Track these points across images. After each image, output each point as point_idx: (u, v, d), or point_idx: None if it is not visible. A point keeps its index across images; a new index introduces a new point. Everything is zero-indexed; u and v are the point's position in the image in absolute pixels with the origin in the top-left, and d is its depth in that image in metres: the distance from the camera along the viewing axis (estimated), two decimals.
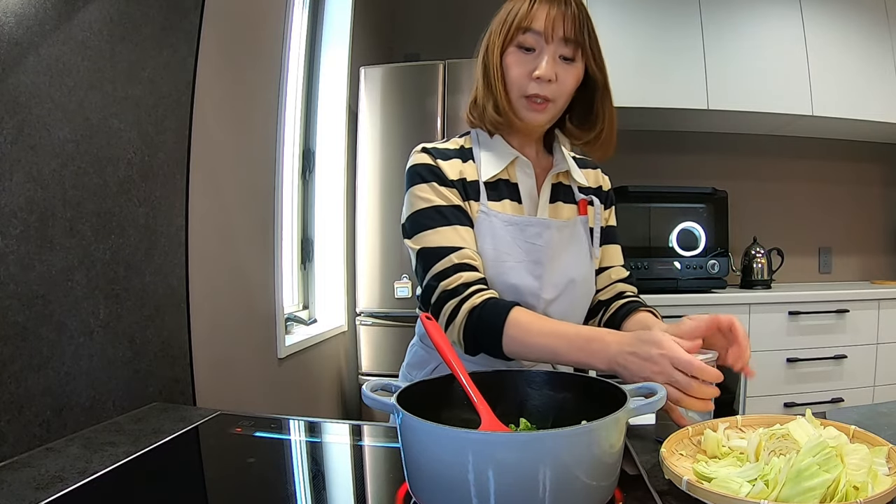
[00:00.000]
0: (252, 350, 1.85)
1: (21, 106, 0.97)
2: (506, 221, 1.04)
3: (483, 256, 1.02)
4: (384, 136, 2.59)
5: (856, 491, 0.64)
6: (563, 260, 1.07)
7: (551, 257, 1.05)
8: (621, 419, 0.64)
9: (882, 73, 2.82)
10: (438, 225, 1.00)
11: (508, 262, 1.02)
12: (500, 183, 1.07)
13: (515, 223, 1.04)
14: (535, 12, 0.98)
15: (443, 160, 1.05)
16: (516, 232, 1.04)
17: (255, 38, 1.88)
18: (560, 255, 1.07)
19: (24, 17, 0.97)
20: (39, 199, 1.00)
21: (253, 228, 1.88)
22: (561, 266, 1.07)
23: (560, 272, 1.06)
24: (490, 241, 1.02)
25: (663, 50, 2.74)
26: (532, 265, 1.04)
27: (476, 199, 1.04)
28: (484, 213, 1.03)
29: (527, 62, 1.00)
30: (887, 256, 3.32)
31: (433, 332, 0.82)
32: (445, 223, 1.00)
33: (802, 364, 2.62)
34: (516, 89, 1.01)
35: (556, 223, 1.07)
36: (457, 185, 1.04)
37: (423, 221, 1.01)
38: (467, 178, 1.05)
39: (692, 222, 2.80)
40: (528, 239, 1.04)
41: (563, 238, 1.08)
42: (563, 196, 1.13)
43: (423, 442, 0.63)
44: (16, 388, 0.95)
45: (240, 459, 0.93)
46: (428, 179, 1.03)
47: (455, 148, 1.09)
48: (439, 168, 1.04)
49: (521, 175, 1.09)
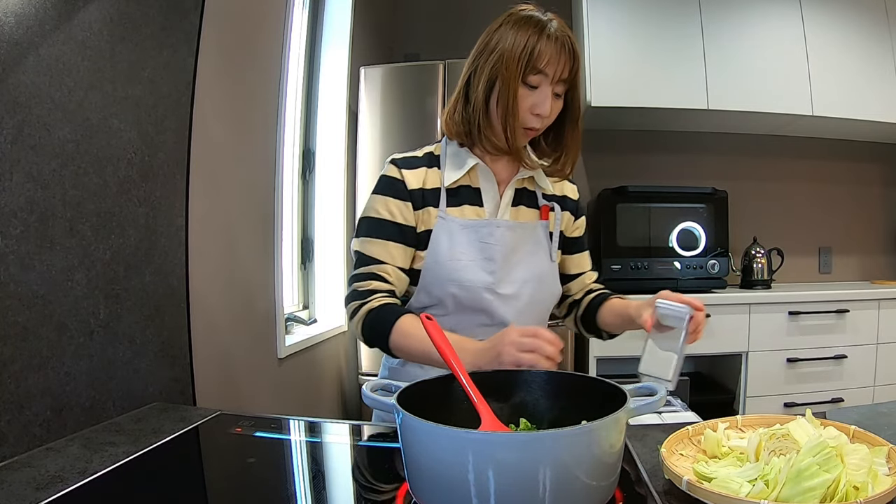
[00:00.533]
0: (252, 350, 1.85)
1: (21, 106, 0.97)
2: (461, 225, 1.13)
3: (440, 257, 1.12)
4: (384, 136, 2.59)
5: (856, 491, 0.64)
6: (518, 257, 1.16)
7: (505, 255, 1.14)
8: (621, 419, 0.64)
9: (882, 73, 2.82)
10: (377, 236, 1.12)
11: (462, 261, 1.12)
12: (461, 189, 1.16)
13: (470, 226, 1.14)
14: (550, 55, 1.04)
15: (408, 169, 1.15)
16: (471, 233, 1.13)
17: (255, 38, 1.88)
18: (515, 252, 1.16)
19: (24, 17, 0.97)
20: (39, 199, 1.00)
21: (253, 228, 1.88)
22: (516, 263, 1.16)
23: (516, 269, 1.15)
24: (446, 243, 1.12)
25: (663, 50, 2.74)
26: (485, 262, 1.13)
27: (435, 205, 1.14)
28: (442, 219, 1.13)
29: (530, 97, 1.07)
30: (887, 256, 3.32)
31: (433, 331, 0.82)
32: (382, 236, 1.11)
33: (802, 364, 2.62)
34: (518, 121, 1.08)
35: (507, 223, 1.16)
36: (415, 196, 1.13)
37: (366, 229, 1.13)
38: (429, 185, 1.15)
39: (692, 222, 2.80)
40: (482, 239, 1.13)
41: (518, 237, 1.17)
42: (527, 201, 1.21)
43: (423, 442, 0.63)
44: (16, 388, 0.95)
45: (240, 459, 0.93)
46: (385, 193, 1.14)
47: (422, 155, 1.18)
48: (402, 179, 1.13)
49: (483, 180, 1.17)
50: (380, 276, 1.11)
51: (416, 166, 1.16)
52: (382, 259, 1.11)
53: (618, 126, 3.13)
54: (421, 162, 1.16)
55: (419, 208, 1.13)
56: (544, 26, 1.05)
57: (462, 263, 1.12)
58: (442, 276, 1.12)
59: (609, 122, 3.05)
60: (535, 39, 1.04)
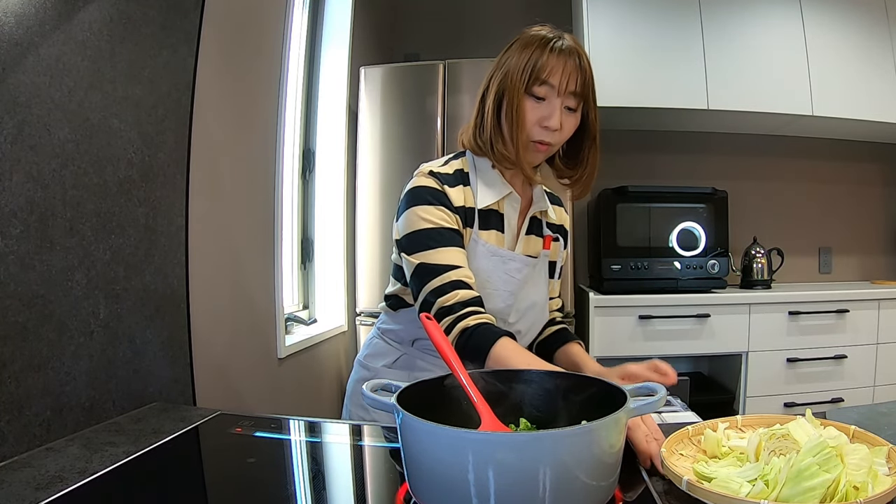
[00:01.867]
0: (252, 350, 1.85)
1: (21, 106, 0.97)
2: (490, 252, 1.13)
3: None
4: (384, 136, 2.59)
5: (856, 491, 0.64)
6: (528, 290, 1.19)
7: (520, 289, 1.17)
8: (621, 419, 0.64)
9: (882, 73, 2.82)
10: (439, 245, 1.06)
11: (487, 289, 1.12)
12: (490, 213, 1.16)
13: (499, 255, 1.14)
14: (553, 66, 1.06)
15: (449, 187, 1.12)
16: (498, 263, 1.13)
17: (255, 38, 1.88)
18: (528, 286, 1.18)
19: (24, 17, 0.97)
20: (39, 199, 1.00)
21: (253, 228, 1.88)
22: (526, 295, 1.18)
23: (524, 300, 1.18)
24: (474, 267, 1.10)
25: (663, 50, 2.74)
26: (507, 295, 1.14)
27: (471, 225, 1.13)
28: (474, 241, 1.12)
29: (538, 110, 1.08)
30: (887, 256, 3.32)
31: (433, 331, 0.82)
32: (445, 244, 1.06)
33: (802, 364, 2.62)
34: (526, 134, 1.09)
35: (531, 261, 1.18)
36: (459, 212, 1.11)
37: (425, 241, 1.06)
38: (468, 205, 1.13)
39: (692, 222, 2.80)
40: (508, 272, 1.14)
41: (531, 273, 1.19)
42: (535, 230, 1.23)
43: (423, 442, 0.63)
44: (16, 388, 0.95)
45: (240, 459, 0.93)
46: (432, 202, 1.09)
47: (453, 173, 1.15)
48: (446, 194, 1.11)
49: (509, 209, 1.18)
50: (462, 283, 1.04)
51: (455, 184, 1.13)
52: (457, 264, 1.05)
53: (618, 126, 3.13)
54: (456, 180, 1.13)
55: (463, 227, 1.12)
56: (549, 41, 1.07)
57: (486, 292, 1.11)
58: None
59: (609, 122, 3.05)
60: (540, 52, 1.06)
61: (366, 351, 1.30)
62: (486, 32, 3.29)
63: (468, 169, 1.17)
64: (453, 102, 2.54)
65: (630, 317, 2.58)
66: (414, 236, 1.07)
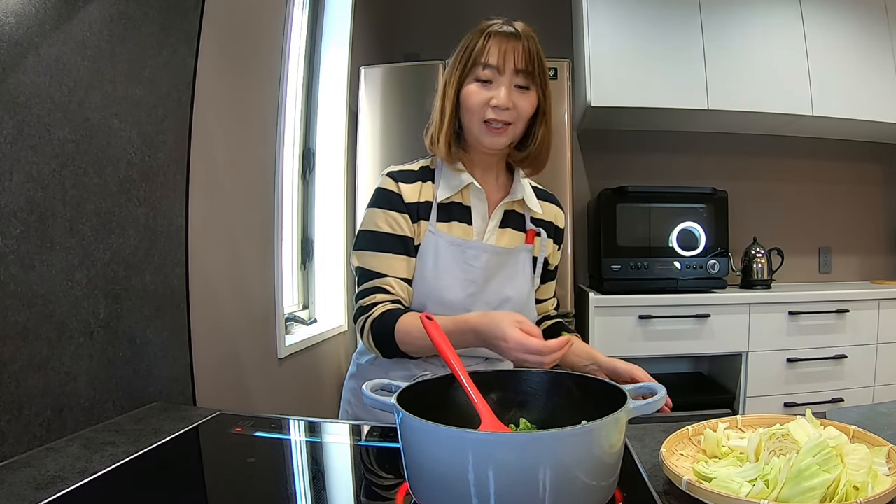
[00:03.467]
0: (252, 350, 1.85)
1: (21, 106, 0.97)
2: (449, 242, 1.15)
3: (425, 272, 1.14)
4: (384, 136, 2.59)
5: (856, 491, 0.64)
6: (497, 282, 1.18)
7: (486, 278, 1.16)
8: (621, 419, 0.64)
9: (882, 73, 2.82)
10: (376, 249, 1.13)
11: (445, 280, 1.14)
12: (452, 205, 1.18)
13: (458, 245, 1.15)
14: (489, 47, 1.10)
15: (405, 183, 1.16)
16: (457, 252, 1.15)
17: (255, 38, 1.88)
18: (495, 277, 1.18)
19: (24, 17, 0.97)
20: (39, 199, 1.00)
21: (253, 228, 1.88)
22: (496, 287, 1.18)
23: (494, 292, 1.17)
24: (432, 259, 1.14)
25: (663, 50, 2.74)
26: (467, 284, 1.15)
27: (427, 218, 1.16)
28: (431, 233, 1.15)
29: (484, 92, 1.11)
30: (887, 256, 3.32)
31: (432, 331, 0.82)
32: (382, 249, 1.13)
33: (802, 364, 2.62)
34: (476, 116, 1.11)
35: (494, 248, 1.18)
36: (411, 210, 1.15)
37: (366, 242, 1.15)
38: (423, 199, 1.16)
39: (692, 222, 2.80)
40: (467, 260, 1.15)
41: (500, 262, 1.19)
42: (514, 223, 1.23)
43: (423, 442, 0.63)
44: (16, 388, 0.95)
45: (240, 459, 0.93)
46: (382, 205, 1.15)
47: (417, 169, 1.20)
48: (399, 193, 1.15)
49: (475, 200, 1.19)
50: (382, 289, 1.12)
51: (413, 180, 1.17)
52: (383, 272, 1.12)
53: (618, 126, 3.13)
54: (416, 176, 1.18)
55: (415, 221, 1.15)
56: (486, 28, 1.11)
57: (445, 282, 1.14)
58: (426, 291, 1.14)
59: (609, 122, 3.05)
60: (476, 39, 1.11)
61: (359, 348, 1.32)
62: None
63: (434, 166, 1.20)
64: None
65: (630, 317, 2.58)
66: (360, 235, 1.16)
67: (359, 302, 1.13)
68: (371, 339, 1.10)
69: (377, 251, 1.13)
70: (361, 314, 1.12)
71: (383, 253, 1.13)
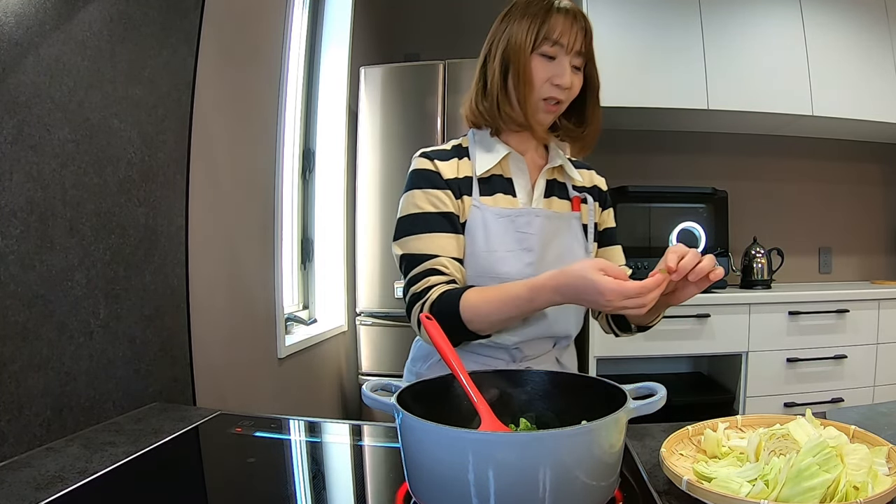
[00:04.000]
0: (252, 350, 1.85)
1: (21, 106, 0.97)
2: (497, 214, 1.09)
3: (476, 248, 1.07)
4: (384, 136, 2.59)
5: (856, 491, 0.64)
6: (556, 249, 1.11)
7: (543, 245, 1.10)
8: (621, 419, 0.64)
9: (882, 73, 2.82)
10: (421, 231, 1.06)
11: (499, 252, 1.07)
12: (493, 178, 1.13)
13: (507, 214, 1.09)
14: (560, 26, 1.06)
15: (440, 161, 1.11)
16: (507, 223, 1.09)
17: (255, 38, 1.88)
18: (553, 243, 1.11)
19: (24, 17, 0.97)
20: (39, 199, 1.00)
21: (253, 228, 1.88)
22: (555, 255, 1.11)
23: (554, 261, 1.08)
24: (482, 234, 1.07)
25: (663, 50, 2.74)
26: (523, 253, 1.08)
27: (469, 194, 1.10)
28: (476, 208, 1.09)
29: (548, 68, 1.07)
30: (887, 256, 3.32)
31: (432, 331, 0.82)
32: (427, 230, 1.06)
33: (802, 364, 2.61)
34: (537, 92, 1.07)
35: (546, 212, 1.12)
36: (452, 186, 1.09)
37: (408, 227, 1.07)
38: (462, 175, 1.11)
39: (692, 222, 2.80)
40: (519, 228, 1.09)
41: (556, 228, 1.13)
42: (558, 192, 1.18)
43: (423, 442, 0.63)
44: (16, 388, 0.95)
45: (240, 459, 0.93)
46: (421, 186, 1.09)
47: (450, 148, 1.15)
48: (437, 170, 1.10)
49: (515, 170, 1.14)
50: (436, 270, 1.03)
51: (448, 157, 1.12)
52: (433, 253, 1.04)
53: (618, 126, 3.13)
54: (450, 154, 1.13)
55: (457, 198, 1.09)
56: (552, 3, 1.08)
57: (499, 255, 1.06)
58: (479, 269, 1.06)
59: (609, 122, 3.02)
60: (545, 13, 1.07)
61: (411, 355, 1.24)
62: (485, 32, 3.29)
63: (468, 144, 1.16)
64: (453, 102, 2.54)
65: None
66: (400, 222, 1.09)
67: (410, 290, 1.03)
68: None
69: (422, 233, 1.05)
70: (416, 302, 1.01)
71: (429, 234, 1.05)
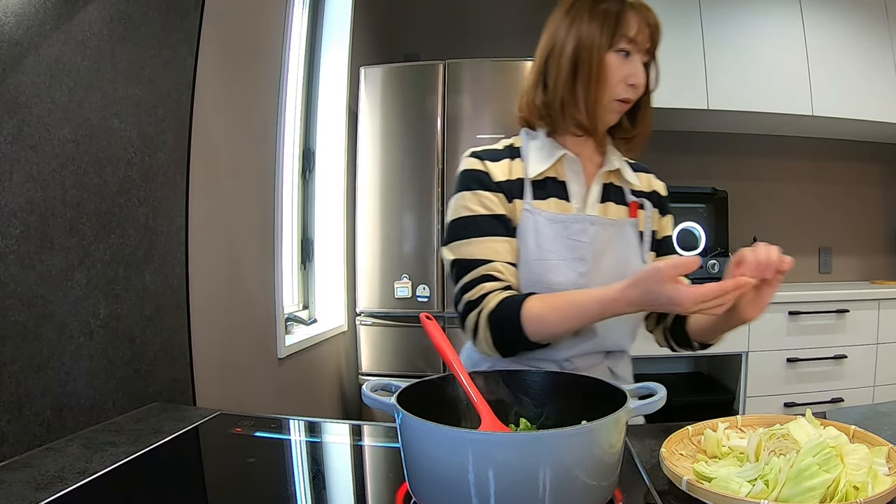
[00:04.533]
0: (252, 350, 1.85)
1: (21, 106, 0.97)
2: (550, 219, 1.03)
3: (527, 255, 1.02)
4: (384, 136, 2.59)
5: (856, 491, 0.64)
6: (610, 259, 1.05)
7: (597, 255, 1.04)
8: (621, 419, 0.64)
9: (882, 73, 2.82)
10: (473, 235, 1.01)
11: (552, 261, 1.01)
12: (547, 181, 1.06)
13: (560, 221, 1.03)
14: (636, 22, 1.02)
15: (491, 161, 1.06)
16: (560, 229, 1.03)
17: (255, 38, 1.88)
18: (607, 252, 1.05)
19: (24, 17, 0.97)
20: (39, 199, 1.00)
21: (253, 228, 1.88)
22: (609, 265, 1.04)
23: (608, 272, 1.03)
24: (534, 240, 1.02)
25: (663, 50, 2.72)
26: (576, 262, 1.02)
27: (521, 197, 1.04)
28: (528, 212, 1.03)
29: (624, 67, 1.02)
30: (887, 256, 3.32)
31: (433, 331, 0.81)
32: (480, 234, 1.01)
33: (802, 364, 2.61)
34: (611, 91, 1.02)
35: (601, 220, 1.05)
36: (503, 188, 1.04)
37: (460, 231, 1.02)
38: (514, 177, 1.05)
39: (692, 222, 2.80)
40: (572, 236, 1.03)
41: (610, 236, 1.06)
42: (615, 197, 1.11)
43: (423, 442, 0.63)
44: (16, 388, 0.95)
45: (240, 459, 0.93)
46: (471, 187, 1.04)
47: (503, 148, 1.09)
48: (487, 171, 1.04)
49: (570, 173, 1.08)
50: (490, 276, 0.99)
51: (499, 158, 1.06)
52: (486, 258, 1.00)
53: None
54: (503, 154, 1.07)
55: (510, 201, 1.04)
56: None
57: (552, 263, 1.01)
58: (530, 276, 1.01)
59: None
60: (619, 8, 1.01)
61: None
62: (486, 32, 3.29)
63: (520, 144, 1.10)
64: (453, 102, 2.54)
65: None
66: (451, 226, 1.04)
67: (464, 298, 0.98)
68: (489, 336, 0.96)
69: (474, 237, 1.01)
70: (471, 310, 0.97)
71: (482, 238, 1.00)
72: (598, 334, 1.03)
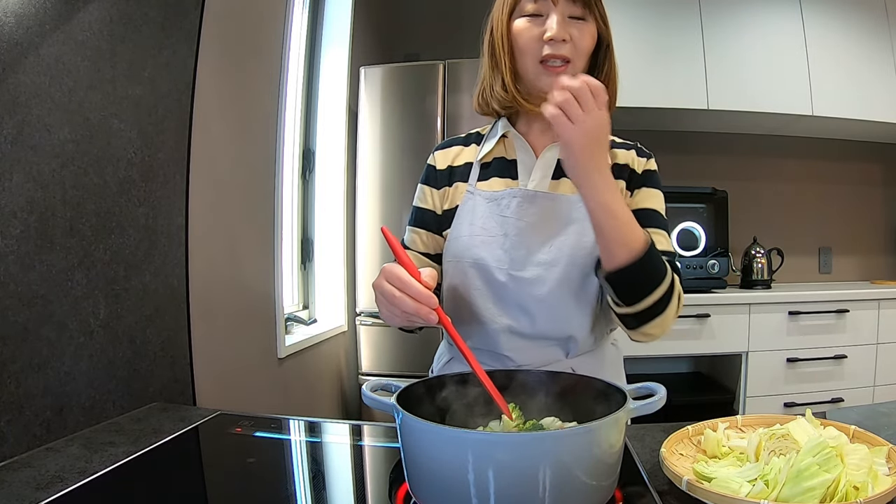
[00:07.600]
0: (252, 350, 1.85)
1: (21, 106, 0.97)
2: (486, 198, 1.02)
3: (460, 232, 1.02)
4: (384, 136, 2.59)
5: (856, 491, 0.64)
6: (543, 234, 0.98)
7: (522, 230, 0.98)
8: (621, 419, 0.64)
9: (882, 73, 2.82)
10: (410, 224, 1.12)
11: (480, 237, 0.99)
12: (494, 161, 1.06)
13: (493, 198, 1.02)
14: None
15: (441, 150, 1.11)
16: (493, 207, 1.01)
17: (255, 38, 1.88)
18: (540, 228, 0.98)
19: (24, 17, 0.97)
20: (39, 199, 1.00)
21: (253, 228, 1.88)
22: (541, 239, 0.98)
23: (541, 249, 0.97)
24: (468, 219, 1.02)
25: (663, 50, 2.74)
26: (502, 239, 0.99)
27: (465, 180, 1.06)
28: (469, 193, 1.04)
29: (535, 27, 0.96)
30: (887, 256, 3.32)
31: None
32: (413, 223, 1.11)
33: (802, 364, 2.61)
34: (530, 56, 0.96)
35: (526, 192, 1.00)
36: (442, 176, 1.09)
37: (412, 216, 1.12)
38: (459, 162, 1.09)
39: (692, 222, 2.80)
40: (501, 212, 1.00)
41: (545, 210, 0.99)
42: None
43: (422, 442, 0.63)
44: (16, 388, 0.95)
45: (240, 459, 0.93)
46: (421, 180, 1.12)
47: (465, 135, 1.13)
48: (433, 163, 1.11)
49: (520, 151, 1.05)
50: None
51: (451, 145, 1.11)
52: (409, 246, 1.10)
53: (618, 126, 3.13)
54: (459, 141, 1.12)
55: (444, 186, 1.07)
56: None
57: (480, 239, 0.99)
58: (457, 252, 1.01)
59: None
60: None
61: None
62: None
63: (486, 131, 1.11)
64: (453, 102, 2.54)
65: None
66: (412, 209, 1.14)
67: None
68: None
69: (410, 225, 1.12)
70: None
71: (413, 227, 1.11)
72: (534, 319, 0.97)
